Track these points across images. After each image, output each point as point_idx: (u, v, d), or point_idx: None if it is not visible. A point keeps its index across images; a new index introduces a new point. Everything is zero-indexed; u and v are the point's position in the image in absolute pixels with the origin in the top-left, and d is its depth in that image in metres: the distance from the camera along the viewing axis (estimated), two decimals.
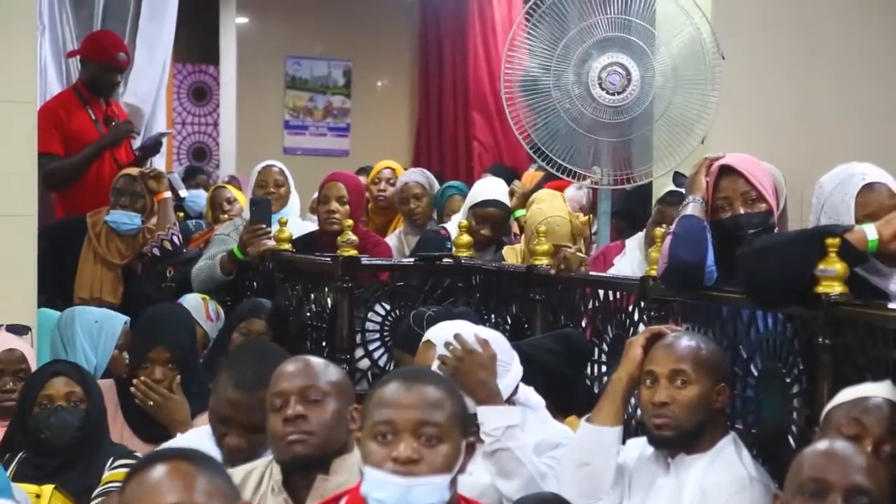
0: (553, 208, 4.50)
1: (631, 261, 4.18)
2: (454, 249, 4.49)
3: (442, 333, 3.10)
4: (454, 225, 4.97)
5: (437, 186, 5.84)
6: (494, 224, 4.89)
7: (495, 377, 3.02)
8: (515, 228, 5.30)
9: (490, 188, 5.03)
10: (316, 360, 2.69)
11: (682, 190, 3.95)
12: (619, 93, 4.39)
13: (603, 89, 4.38)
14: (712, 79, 4.50)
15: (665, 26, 4.47)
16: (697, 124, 4.50)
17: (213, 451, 3.02)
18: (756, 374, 3.04)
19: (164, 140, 6.10)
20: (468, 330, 3.09)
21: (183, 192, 6.01)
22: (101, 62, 5.72)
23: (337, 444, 2.62)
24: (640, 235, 4.28)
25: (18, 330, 4.00)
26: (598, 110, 4.42)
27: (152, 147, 5.83)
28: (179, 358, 3.66)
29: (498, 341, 3.11)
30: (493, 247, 4.93)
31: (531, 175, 6.94)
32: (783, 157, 4.59)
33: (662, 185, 4.60)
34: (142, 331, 3.84)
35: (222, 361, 3.13)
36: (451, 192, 5.54)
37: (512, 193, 5.11)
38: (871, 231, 2.78)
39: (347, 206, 4.83)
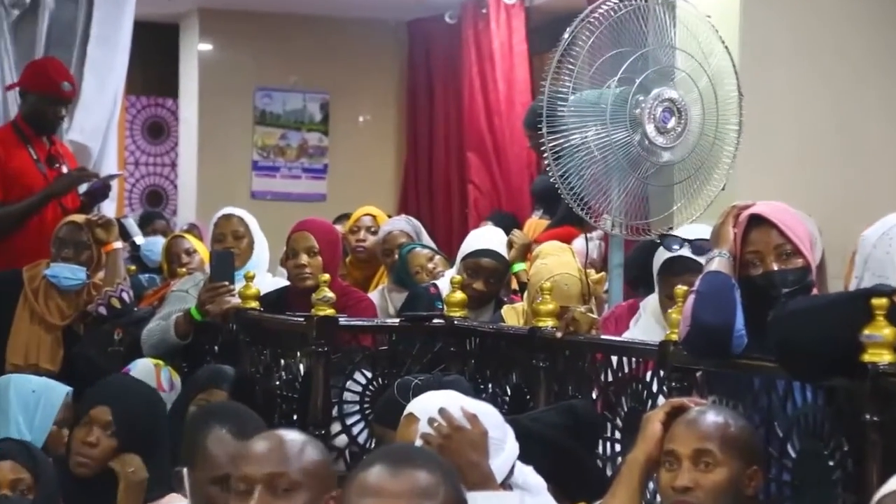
0: (561, 264, 4.48)
1: (647, 326, 4.14)
2: (445, 308, 4.47)
3: (426, 406, 3.08)
4: (447, 282, 4.94)
5: (424, 236, 5.82)
6: (489, 278, 4.88)
7: (487, 457, 3.00)
8: (515, 284, 5.28)
9: (484, 237, 5.02)
10: (291, 439, 2.65)
11: (679, 252, 3.94)
12: (667, 132, 4.39)
13: (656, 129, 4.38)
14: (734, 117, 4.50)
15: (684, 56, 4.48)
16: (715, 169, 4.50)
17: None
18: (794, 455, 3.02)
19: (114, 184, 6.09)
20: (455, 403, 3.06)
21: (139, 239, 6.00)
22: (44, 93, 5.72)
23: None
24: (655, 299, 4.24)
25: None
26: (652, 152, 4.41)
27: (100, 191, 5.82)
28: (123, 427, 3.61)
29: (489, 415, 3.09)
30: (490, 305, 4.91)
31: (534, 223, 6.94)
32: (821, 204, 4.61)
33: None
34: (91, 389, 3.86)
35: (199, 421, 3.11)
36: (410, 247, 5.54)
37: (510, 245, 5.11)
38: None
39: (319, 258, 4.82)
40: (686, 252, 3.96)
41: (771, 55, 4.99)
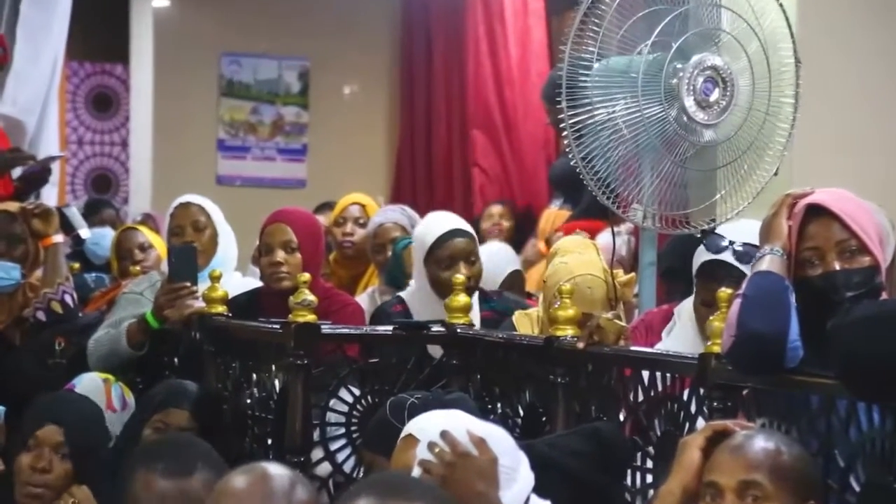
0: (583, 264, 4.49)
1: (683, 336, 4.16)
2: (447, 315, 4.49)
3: (427, 427, 3.10)
4: (413, 295, 4.94)
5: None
6: (468, 258, 4.89)
7: (497, 488, 3.02)
8: (534, 286, 5.30)
9: (438, 222, 5.02)
10: (276, 474, 2.67)
11: (723, 257, 3.96)
12: (710, 106, 4.41)
13: (696, 102, 4.40)
14: (790, 88, 4.52)
15: (731, 16, 4.50)
16: (767, 151, 4.51)
17: None
18: (858, 488, 3.03)
19: (55, 167, 6.10)
20: (459, 425, 3.09)
21: (84, 232, 6.01)
22: None
23: None
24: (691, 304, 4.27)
25: None
26: (691, 129, 4.44)
27: (38, 176, 5.83)
28: (78, 448, 3.62)
29: (499, 440, 3.11)
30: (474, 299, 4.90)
31: (553, 214, 6.97)
32: (888, 193, 4.61)
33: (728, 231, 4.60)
34: (34, 407, 3.87)
35: (130, 460, 3.15)
36: (406, 242, 5.55)
37: (548, 243, 5.11)
38: None
39: (298, 255, 4.84)
40: (728, 257, 3.98)
41: (833, 15, 5.00)
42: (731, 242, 3.99)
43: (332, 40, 10.47)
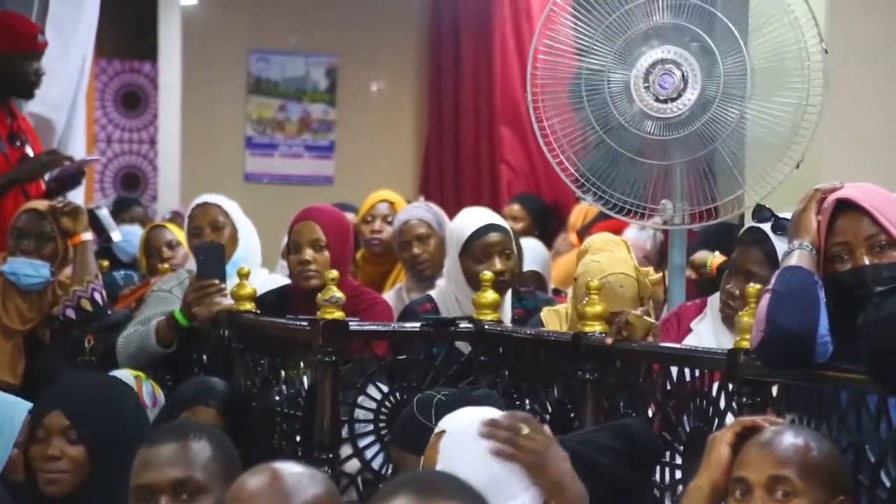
0: (614, 262, 4.48)
1: (714, 326, 4.17)
2: (475, 311, 4.49)
3: (462, 423, 3.10)
4: (441, 293, 4.94)
5: (448, 226, 5.84)
6: (503, 252, 4.89)
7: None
8: (562, 277, 5.28)
9: (473, 217, 5.04)
10: (287, 472, 2.67)
11: (767, 227, 3.97)
12: (671, 99, 4.40)
13: (651, 94, 4.39)
14: (809, 79, 4.49)
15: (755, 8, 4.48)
16: (791, 144, 4.49)
17: None
18: (888, 484, 3.02)
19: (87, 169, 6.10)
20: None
21: (116, 235, 6.02)
22: (15, 50, 5.71)
23: None
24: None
25: None
26: (649, 123, 4.44)
27: (71, 178, 5.82)
28: (85, 429, 3.60)
29: None
30: (507, 297, 4.91)
31: (585, 208, 6.94)
32: None
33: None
34: (41, 395, 3.83)
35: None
36: None
37: (579, 236, 5.10)
38: None
39: (326, 253, 4.84)
40: (768, 227, 4.00)
41: (856, 8, 4.99)
42: (777, 217, 4.00)
43: (359, 37, 10.48)
